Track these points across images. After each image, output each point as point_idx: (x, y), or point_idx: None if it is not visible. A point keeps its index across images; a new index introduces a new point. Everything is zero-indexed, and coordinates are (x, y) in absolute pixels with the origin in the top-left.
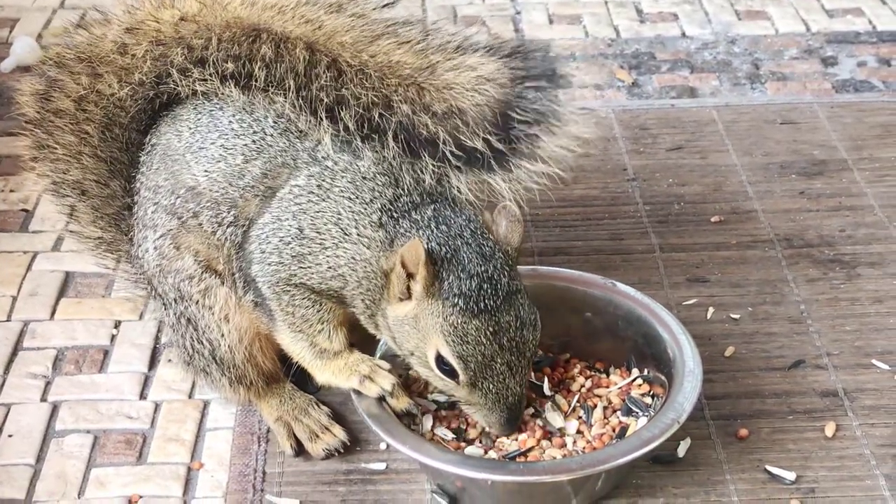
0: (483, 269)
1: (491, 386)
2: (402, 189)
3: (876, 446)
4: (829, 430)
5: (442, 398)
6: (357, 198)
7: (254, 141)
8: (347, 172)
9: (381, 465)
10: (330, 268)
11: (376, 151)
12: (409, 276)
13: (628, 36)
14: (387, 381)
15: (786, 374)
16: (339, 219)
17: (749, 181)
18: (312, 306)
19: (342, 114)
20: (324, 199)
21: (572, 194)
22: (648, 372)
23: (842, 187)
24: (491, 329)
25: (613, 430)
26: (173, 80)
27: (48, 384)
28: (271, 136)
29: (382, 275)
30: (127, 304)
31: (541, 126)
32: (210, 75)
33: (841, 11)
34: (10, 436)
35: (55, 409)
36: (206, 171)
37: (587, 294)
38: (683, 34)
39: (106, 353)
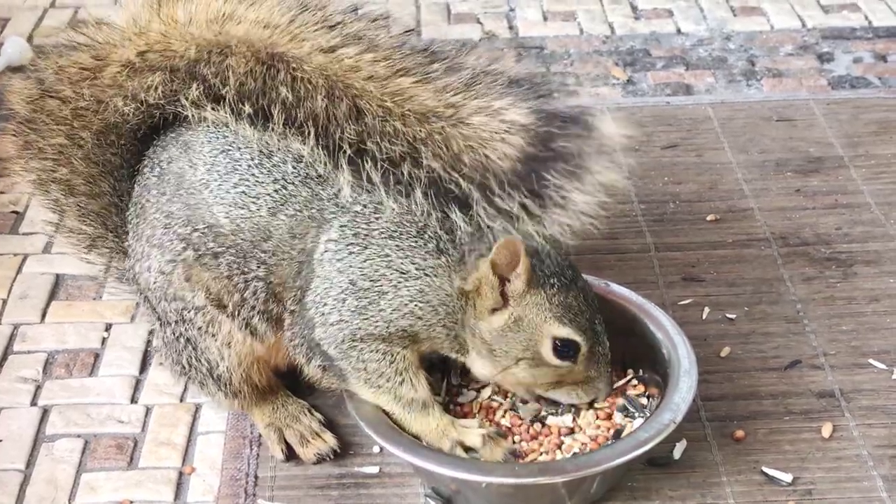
0: (545, 250)
1: (601, 348)
2: (439, 214)
3: (873, 447)
4: (826, 430)
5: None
6: (402, 234)
7: (276, 190)
8: (381, 212)
9: (375, 469)
10: (395, 310)
11: (402, 205)
12: (502, 280)
13: (623, 33)
14: (476, 439)
15: (782, 375)
16: (390, 261)
17: (745, 179)
18: (384, 358)
19: (366, 165)
20: (366, 247)
21: None
22: (643, 372)
23: (838, 185)
24: (582, 295)
25: (608, 431)
26: (184, 108)
27: (38, 388)
28: (293, 184)
29: (461, 295)
30: (118, 307)
31: (572, 180)
32: (225, 113)
33: (836, 7)
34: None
35: (45, 413)
36: (227, 214)
37: None
38: (678, 31)
39: (97, 357)
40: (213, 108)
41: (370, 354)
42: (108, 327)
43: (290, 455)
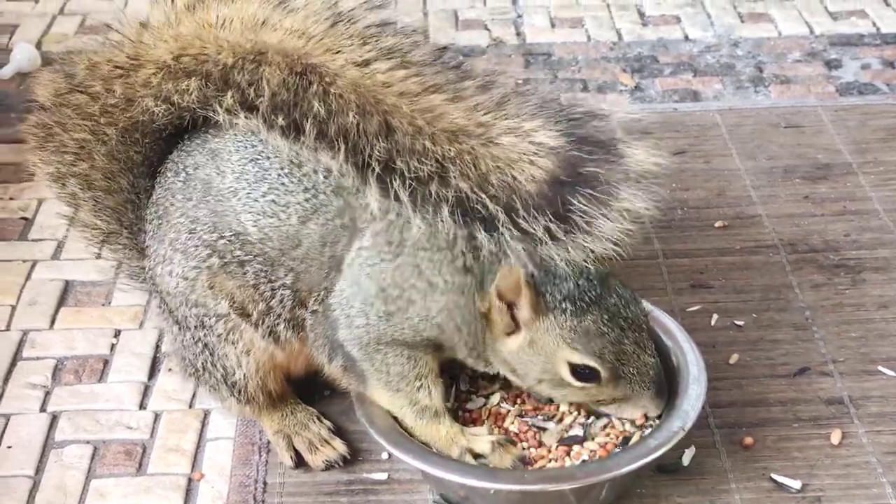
0: (566, 271)
1: (632, 369)
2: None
3: (882, 454)
4: (835, 437)
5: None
6: (434, 246)
7: (306, 199)
8: (425, 245)
9: (383, 476)
10: (422, 320)
11: (428, 224)
12: (510, 306)
13: (631, 39)
14: (486, 446)
15: (791, 382)
16: (421, 272)
17: (753, 185)
18: (408, 362)
19: (394, 183)
20: (397, 255)
21: None
22: None
23: (846, 191)
24: (606, 316)
25: (617, 439)
26: (216, 113)
27: (48, 394)
28: (324, 194)
29: (481, 317)
30: (127, 313)
31: (599, 206)
32: (258, 122)
33: (844, 14)
34: (9, 447)
35: (55, 419)
36: (255, 223)
37: None
38: (686, 37)
39: (106, 363)
40: (245, 117)
41: (394, 358)
42: (116, 333)
43: (300, 462)
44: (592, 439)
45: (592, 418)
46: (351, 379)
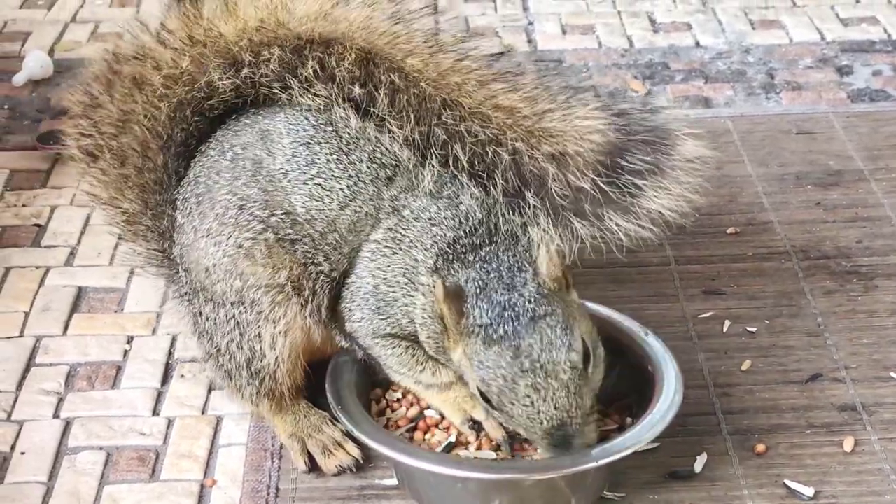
0: (506, 298)
1: (521, 411)
2: (464, 230)
3: (895, 461)
4: (848, 444)
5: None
6: (421, 245)
7: (348, 186)
8: (419, 221)
9: (395, 481)
10: (404, 315)
11: (483, 189)
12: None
13: (642, 46)
14: (482, 414)
15: (803, 388)
16: (407, 269)
17: (765, 192)
18: (406, 352)
19: (456, 148)
20: (396, 252)
21: None
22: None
23: (858, 198)
24: (510, 354)
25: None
26: (288, 88)
27: (61, 400)
28: (363, 182)
29: (440, 321)
30: (139, 319)
31: (648, 179)
32: (332, 94)
33: (856, 20)
34: (22, 453)
35: (68, 425)
36: (303, 204)
37: None
38: (697, 44)
39: (119, 369)
40: (323, 87)
41: (392, 349)
42: (129, 340)
43: (313, 466)
44: None
45: None
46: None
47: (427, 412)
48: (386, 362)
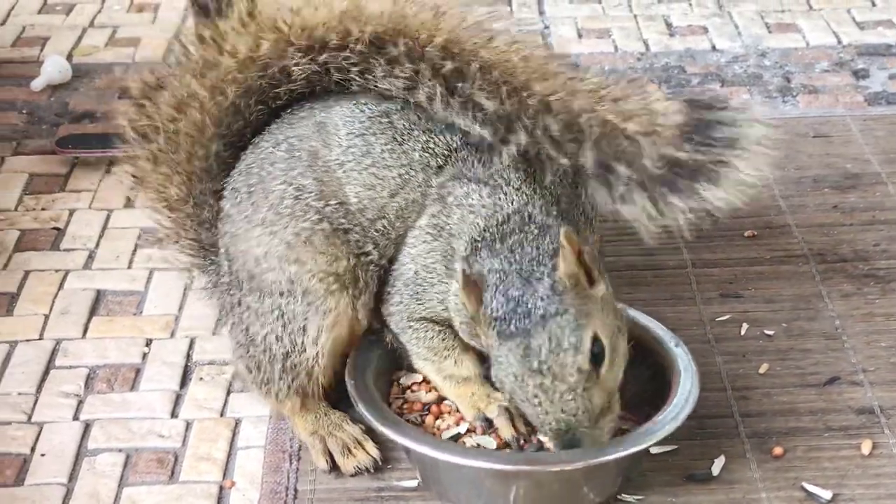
0: (520, 293)
1: (528, 408)
2: (497, 219)
3: None
4: (866, 447)
5: None
6: (459, 235)
7: (400, 175)
8: (460, 208)
9: (413, 483)
10: (440, 301)
11: (571, 161)
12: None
13: (658, 50)
14: (493, 410)
15: (821, 391)
16: (445, 256)
17: (782, 195)
18: (436, 336)
19: (547, 118)
20: (436, 239)
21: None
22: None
23: (875, 201)
24: (520, 352)
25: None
26: (367, 72)
27: (80, 403)
28: (414, 170)
29: (465, 306)
30: (158, 322)
31: (735, 149)
32: (421, 70)
33: (872, 23)
34: (42, 455)
35: (87, 427)
36: (356, 194)
37: None
38: (713, 47)
39: (137, 372)
40: (412, 65)
41: (424, 333)
42: (148, 342)
43: (334, 466)
44: None
45: None
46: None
47: (447, 402)
48: (414, 347)
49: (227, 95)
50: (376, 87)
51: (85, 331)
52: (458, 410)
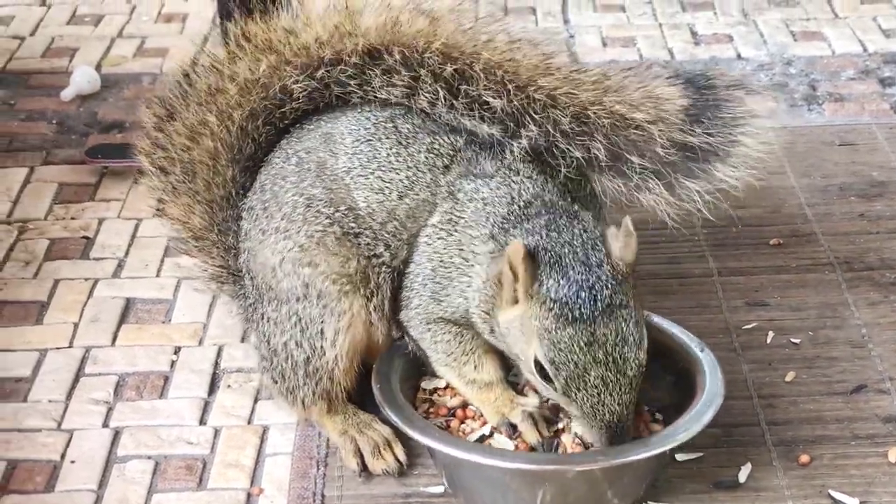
0: (584, 277)
1: (585, 399)
2: (518, 205)
3: None
4: (893, 455)
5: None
6: (477, 223)
7: (407, 177)
8: (473, 202)
9: (440, 489)
10: (459, 294)
11: (579, 158)
12: (516, 278)
13: (683, 58)
14: (518, 416)
15: (848, 399)
16: (462, 248)
17: (808, 203)
18: (454, 339)
19: (555, 112)
20: (451, 233)
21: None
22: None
23: None
24: (585, 339)
25: None
26: (365, 84)
27: (110, 410)
28: (421, 171)
29: (496, 282)
30: (186, 330)
31: (741, 126)
32: (421, 75)
33: None
34: (72, 462)
35: (117, 434)
36: (365, 199)
37: None
38: (739, 56)
39: (166, 379)
40: (410, 73)
41: (442, 335)
42: (176, 350)
43: (364, 468)
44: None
45: None
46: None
47: (470, 406)
48: (434, 352)
49: (235, 120)
50: (375, 97)
51: (114, 339)
52: (482, 415)
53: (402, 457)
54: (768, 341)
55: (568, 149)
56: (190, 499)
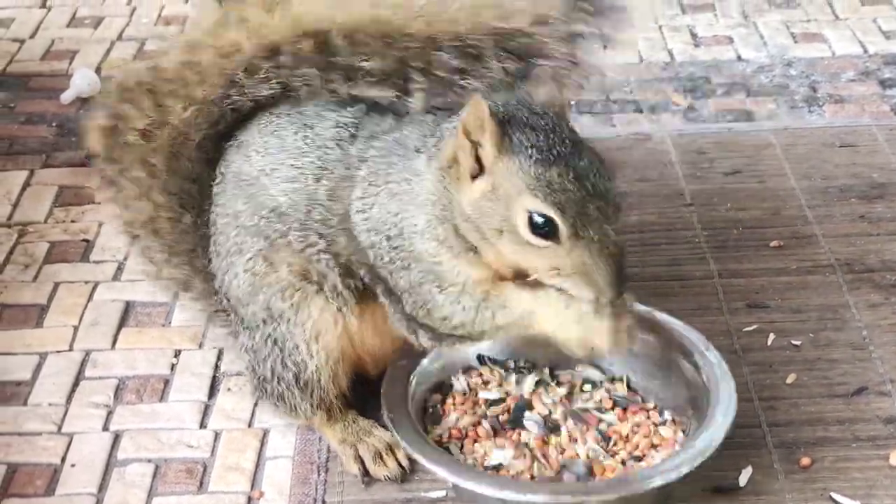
0: (543, 122)
1: (592, 234)
2: (440, 115)
3: None
4: (894, 458)
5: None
6: (398, 158)
7: (318, 157)
8: (385, 150)
9: (441, 493)
10: (418, 234)
11: (483, 81)
12: (475, 145)
13: (683, 60)
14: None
15: (848, 402)
16: (393, 193)
17: (808, 205)
18: (457, 305)
19: (436, 55)
20: (379, 187)
21: (629, 220)
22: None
23: None
24: (572, 174)
25: (628, 456)
26: (239, 85)
27: (110, 413)
28: (331, 149)
29: (442, 177)
30: (186, 332)
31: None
32: (283, 64)
33: None
34: (72, 465)
35: (117, 438)
36: (283, 191)
37: None
38: (739, 57)
39: (166, 383)
40: (270, 63)
41: (441, 310)
42: (177, 353)
43: (366, 472)
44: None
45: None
46: (448, 345)
47: (484, 424)
48: (458, 332)
49: (159, 166)
50: (256, 99)
51: (114, 342)
52: (495, 434)
53: (404, 462)
54: (769, 343)
55: (468, 83)
56: (190, 502)
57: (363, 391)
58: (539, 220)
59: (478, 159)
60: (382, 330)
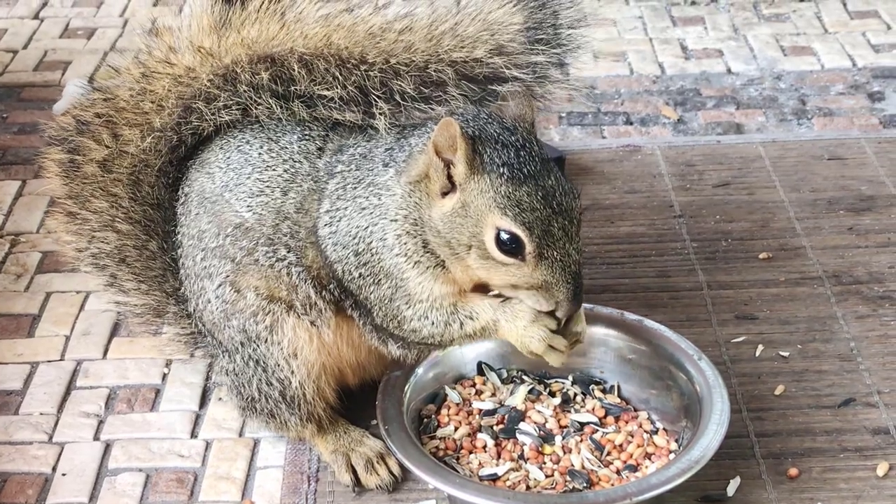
0: (513, 139)
1: (555, 253)
2: (407, 129)
3: None
4: (882, 469)
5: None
6: (366, 171)
7: (285, 170)
8: (352, 165)
9: (432, 503)
10: (386, 247)
11: (446, 106)
12: (447, 164)
13: (673, 72)
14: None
15: (836, 412)
16: (364, 204)
17: (797, 217)
18: (422, 317)
19: (396, 82)
20: (347, 201)
21: (619, 231)
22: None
23: (890, 223)
24: (540, 193)
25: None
26: (197, 112)
27: (101, 423)
28: (298, 162)
29: (412, 191)
30: (178, 343)
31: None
32: (242, 93)
33: (887, 46)
34: (63, 474)
35: (108, 447)
36: (248, 206)
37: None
38: (729, 70)
39: (157, 392)
40: (226, 96)
41: (410, 324)
42: (168, 363)
43: (357, 482)
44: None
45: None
46: (418, 352)
47: (479, 435)
48: (429, 341)
49: (121, 195)
50: (221, 122)
51: (105, 352)
52: (496, 444)
53: (395, 470)
54: (757, 354)
55: (430, 108)
56: None
57: (350, 402)
58: (506, 237)
59: (449, 177)
60: (358, 342)
